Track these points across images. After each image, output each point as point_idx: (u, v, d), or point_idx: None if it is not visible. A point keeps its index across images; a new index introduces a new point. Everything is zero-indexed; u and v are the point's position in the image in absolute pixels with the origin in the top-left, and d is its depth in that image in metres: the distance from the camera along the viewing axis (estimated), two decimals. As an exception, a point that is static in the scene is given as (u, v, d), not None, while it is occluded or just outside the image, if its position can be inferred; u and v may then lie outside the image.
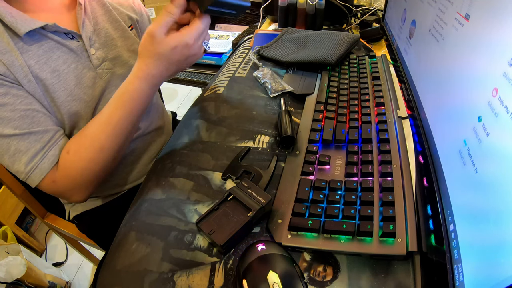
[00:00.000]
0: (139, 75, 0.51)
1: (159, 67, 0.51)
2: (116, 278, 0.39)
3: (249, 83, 0.72)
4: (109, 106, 0.53)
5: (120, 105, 0.52)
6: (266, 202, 0.41)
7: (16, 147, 0.49)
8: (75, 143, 0.53)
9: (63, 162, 0.52)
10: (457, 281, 0.29)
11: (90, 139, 0.52)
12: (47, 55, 0.53)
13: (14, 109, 0.48)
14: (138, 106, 0.53)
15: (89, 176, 0.54)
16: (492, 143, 0.28)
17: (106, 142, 0.53)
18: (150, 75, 0.51)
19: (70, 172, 0.52)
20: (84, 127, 0.54)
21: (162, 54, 0.49)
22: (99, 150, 0.53)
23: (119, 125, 0.53)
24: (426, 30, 0.50)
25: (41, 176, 0.51)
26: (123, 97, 0.52)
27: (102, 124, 0.52)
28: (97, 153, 0.53)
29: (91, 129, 0.53)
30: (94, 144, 0.52)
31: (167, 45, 0.49)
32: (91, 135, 0.52)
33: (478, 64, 0.33)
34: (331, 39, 0.76)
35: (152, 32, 0.48)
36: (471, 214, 0.29)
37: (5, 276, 0.92)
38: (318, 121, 0.57)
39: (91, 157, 0.53)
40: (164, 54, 0.49)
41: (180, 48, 0.50)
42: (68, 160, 0.52)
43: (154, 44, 0.49)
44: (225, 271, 0.38)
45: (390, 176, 0.45)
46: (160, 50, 0.49)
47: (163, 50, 0.49)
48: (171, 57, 0.50)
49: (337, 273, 0.37)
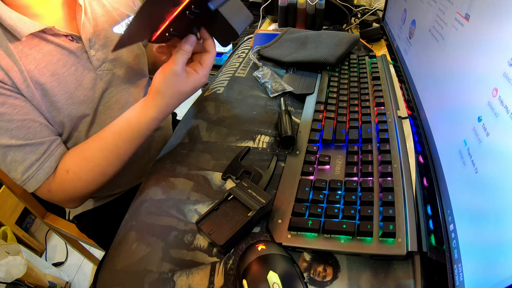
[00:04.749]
0: (154, 116, 0.53)
1: (177, 104, 0.54)
2: (116, 278, 0.39)
3: (249, 83, 0.72)
4: (115, 136, 0.54)
5: (129, 139, 0.54)
6: (266, 202, 0.41)
7: (12, 157, 0.50)
8: (76, 164, 0.54)
9: (61, 178, 0.54)
10: (457, 281, 0.29)
11: (93, 165, 0.54)
12: (47, 59, 0.53)
13: (11, 119, 0.49)
14: (146, 137, 0.55)
15: (86, 193, 0.57)
16: (492, 143, 0.28)
17: (108, 168, 0.55)
18: (164, 114, 0.54)
19: (67, 188, 0.55)
20: (86, 147, 0.55)
21: (184, 93, 0.53)
22: (100, 175, 0.55)
23: (124, 154, 0.55)
24: (426, 30, 0.50)
25: (37, 185, 0.53)
26: (134, 134, 0.53)
27: (106, 153, 0.54)
28: (97, 177, 0.55)
29: (94, 154, 0.54)
30: (95, 169, 0.54)
31: (189, 86, 0.52)
32: (93, 161, 0.54)
33: (478, 64, 0.33)
34: (331, 39, 0.76)
35: (175, 71, 0.50)
36: (471, 214, 0.29)
37: (5, 276, 0.92)
38: (318, 121, 0.57)
39: (90, 180, 0.55)
40: (186, 93, 0.53)
41: (198, 87, 0.54)
42: (67, 178, 0.54)
43: (177, 83, 0.51)
44: (225, 271, 0.38)
45: (390, 176, 0.45)
46: (182, 89, 0.52)
47: (185, 89, 0.52)
48: (190, 94, 0.54)
49: (337, 273, 0.37)
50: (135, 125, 0.53)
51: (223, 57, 1.26)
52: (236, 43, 1.07)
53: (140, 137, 0.54)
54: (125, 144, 0.54)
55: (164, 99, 0.52)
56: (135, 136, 0.53)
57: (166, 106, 0.52)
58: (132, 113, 0.53)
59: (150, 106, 0.52)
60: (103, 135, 0.54)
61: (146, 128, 0.53)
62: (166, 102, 0.52)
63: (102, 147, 0.54)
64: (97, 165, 0.54)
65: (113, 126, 0.54)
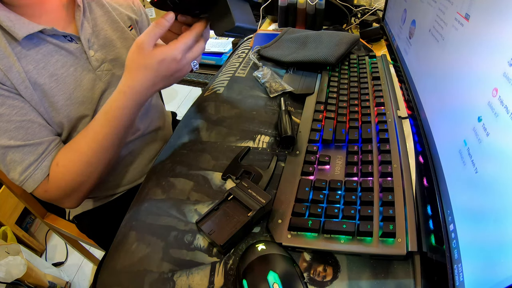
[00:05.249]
0: (124, 91, 0.50)
1: (145, 81, 0.50)
2: (116, 278, 0.39)
3: (249, 83, 0.72)
4: (95, 123, 0.53)
5: (106, 123, 0.52)
6: (266, 202, 0.41)
7: (11, 157, 0.50)
8: (64, 156, 0.54)
9: (53, 173, 0.53)
10: (457, 281, 0.29)
11: (78, 154, 0.53)
12: (46, 59, 0.53)
13: (10, 120, 0.49)
14: (123, 123, 0.53)
15: (78, 187, 0.55)
16: (492, 143, 0.28)
17: (93, 157, 0.54)
18: (135, 90, 0.50)
19: (60, 183, 0.54)
20: (73, 140, 0.55)
21: (148, 66, 0.48)
22: (86, 164, 0.54)
23: (105, 141, 0.53)
24: (426, 30, 0.50)
25: (35, 185, 0.52)
26: (108, 115, 0.52)
27: (88, 141, 0.53)
28: (85, 167, 0.54)
29: (79, 144, 0.54)
30: (81, 159, 0.53)
31: (154, 57, 0.48)
32: (79, 150, 0.53)
33: (478, 64, 0.33)
34: (331, 39, 0.76)
35: (140, 43, 0.47)
36: (471, 214, 0.29)
37: (5, 276, 0.92)
38: (318, 121, 0.57)
39: (78, 171, 0.54)
40: (151, 66, 0.48)
41: (167, 62, 0.48)
42: (58, 172, 0.53)
43: (141, 55, 0.48)
44: (225, 271, 0.38)
45: (390, 176, 0.45)
46: (147, 62, 0.48)
47: (150, 62, 0.48)
48: (158, 71, 0.49)
49: (337, 273, 0.37)
50: (108, 107, 0.52)
51: (223, 57, 1.26)
52: (236, 43, 1.07)
53: (115, 120, 0.52)
54: (103, 129, 0.52)
55: (129, 73, 0.49)
56: (109, 118, 0.52)
57: (131, 79, 0.49)
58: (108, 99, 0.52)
59: (120, 85, 0.51)
60: (88, 125, 0.54)
61: (117, 107, 0.51)
62: (131, 76, 0.49)
63: (86, 136, 0.53)
64: (82, 154, 0.53)
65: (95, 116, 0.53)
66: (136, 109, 0.53)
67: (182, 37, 0.49)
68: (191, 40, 0.50)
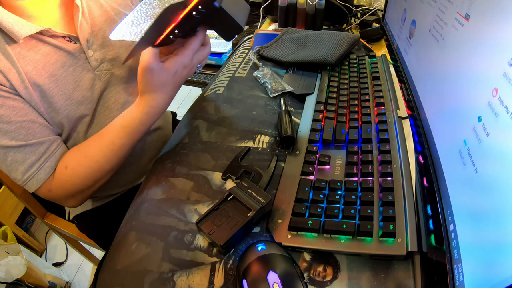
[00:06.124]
0: (147, 111, 0.52)
1: (166, 97, 0.52)
2: (116, 278, 0.39)
3: (249, 83, 0.72)
4: (112, 134, 0.54)
5: (124, 135, 0.54)
6: (266, 202, 0.41)
7: (12, 157, 0.51)
8: (74, 160, 0.55)
9: (60, 175, 0.54)
10: (457, 281, 0.29)
11: (90, 160, 0.54)
12: (45, 60, 0.53)
13: (10, 121, 0.49)
14: (141, 134, 0.55)
15: (84, 189, 0.57)
16: (492, 143, 0.28)
17: (106, 164, 0.55)
18: (158, 108, 0.53)
19: (66, 185, 0.55)
20: (83, 145, 0.56)
21: (165, 82, 0.51)
22: (98, 171, 0.55)
23: (121, 151, 0.55)
24: (426, 30, 0.50)
25: (38, 185, 0.53)
26: (127, 129, 0.53)
27: (103, 149, 0.54)
28: (95, 173, 0.55)
29: (92, 151, 0.54)
30: (93, 165, 0.54)
31: (168, 72, 0.50)
32: (91, 156, 0.54)
33: (478, 64, 0.33)
34: (331, 39, 0.76)
35: (148, 66, 0.48)
36: (471, 214, 0.29)
37: (5, 276, 0.92)
38: (318, 121, 0.57)
39: (88, 176, 0.55)
40: (167, 81, 0.51)
41: (180, 71, 0.51)
42: (66, 174, 0.54)
43: (155, 75, 0.49)
44: (225, 271, 0.38)
45: (390, 176, 0.45)
46: (162, 79, 0.50)
47: (165, 78, 0.50)
48: (175, 82, 0.52)
49: (337, 273, 0.37)
50: (128, 122, 0.53)
51: (223, 57, 1.26)
52: (236, 43, 1.07)
53: (134, 133, 0.54)
54: (121, 141, 0.54)
55: (149, 95, 0.51)
56: (129, 132, 0.53)
57: (153, 100, 0.52)
58: (127, 111, 0.54)
59: (139, 103, 0.52)
60: (101, 133, 0.55)
61: (139, 124, 0.53)
62: (152, 97, 0.51)
63: (100, 144, 0.54)
64: (95, 161, 0.54)
65: (111, 124, 0.55)
66: (156, 120, 0.55)
67: (189, 43, 0.51)
68: (198, 45, 0.52)
